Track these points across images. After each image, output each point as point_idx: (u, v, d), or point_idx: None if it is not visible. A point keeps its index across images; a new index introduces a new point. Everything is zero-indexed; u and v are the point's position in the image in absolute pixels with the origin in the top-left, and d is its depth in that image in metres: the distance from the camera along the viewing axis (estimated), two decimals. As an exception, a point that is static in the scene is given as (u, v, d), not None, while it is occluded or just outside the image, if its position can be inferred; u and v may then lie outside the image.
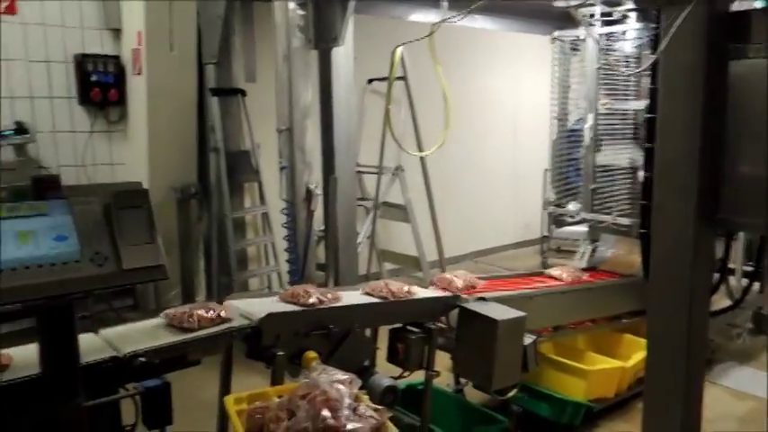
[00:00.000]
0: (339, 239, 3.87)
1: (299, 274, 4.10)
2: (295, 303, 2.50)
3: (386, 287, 2.79)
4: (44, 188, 1.51)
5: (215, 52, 4.99)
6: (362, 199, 5.90)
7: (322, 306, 2.49)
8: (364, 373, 2.56)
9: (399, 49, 4.66)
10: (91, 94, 5.06)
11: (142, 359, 1.88)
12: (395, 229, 6.29)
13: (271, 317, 2.31)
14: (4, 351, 1.81)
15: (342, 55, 3.96)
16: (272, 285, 5.37)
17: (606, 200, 4.08)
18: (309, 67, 4.09)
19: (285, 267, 4.62)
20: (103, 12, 5.16)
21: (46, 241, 1.46)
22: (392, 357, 2.85)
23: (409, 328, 2.85)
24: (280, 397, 1.97)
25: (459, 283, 3.11)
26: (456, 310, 2.95)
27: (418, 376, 2.92)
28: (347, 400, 1.82)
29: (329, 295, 2.57)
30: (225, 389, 2.55)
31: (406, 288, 2.83)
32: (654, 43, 3.18)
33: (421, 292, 2.96)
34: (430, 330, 2.82)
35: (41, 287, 1.42)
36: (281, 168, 4.16)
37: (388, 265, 6.22)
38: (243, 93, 5.13)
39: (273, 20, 4.20)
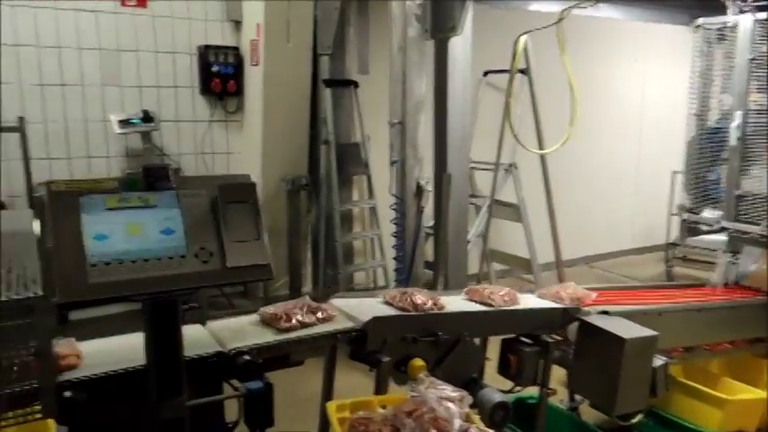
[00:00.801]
0: (449, 238, 3.71)
1: (405, 271, 3.98)
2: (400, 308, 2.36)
3: (408, 299, 2.39)
4: (154, 179, 1.46)
5: (329, 43, 4.98)
6: (473, 196, 5.69)
7: (431, 311, 2.35)
8: (473, 385, 2.39)
9: (523, 39, 4.39)
10: (212, 84, 5.21)
11: (246, 357, 1.81)
12: (504, 228, 6.03)
13: (377, 320, 2.19)
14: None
15: (459, 45, 3.78)
16: (378, 280, 5.30)
17: (754, 208, 3.61)
18: (425, 58, 3.94)
19: (392, 263, 4.53)
20: (226, 3, 5.29)
21: (153, 234, 1.42)
22: (503, 370, 2.65)
23: (523, 339, 2.64)
24: (383, 407, 1.86)
25: (497, 296, 2.60)
26: (575, 324, 2.70)
27: (529, 390, 2.71)
28: (457, 421, 1.66)
29: (320, 314, 2.19)
30: (327, 392, 2.47)
31: (431, 301, 2.40)
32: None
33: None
34: (546, 343, 2.60)
35: (147, 282, 1.37)
36: (392, 163, 4.06)
37: (496, 266, 5.98)
38: (355, 84, 5.09)
39: (390, 9, 4.09)
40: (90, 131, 4.94)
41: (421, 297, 2.40)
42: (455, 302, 2.57)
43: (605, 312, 2.76)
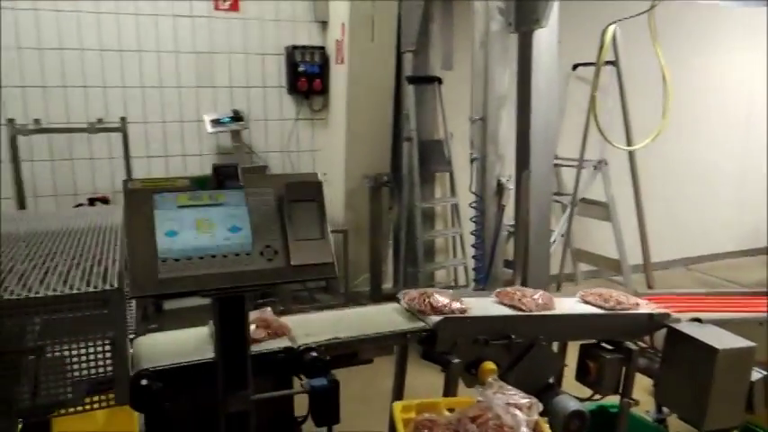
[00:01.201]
0: (530, 237, 3.60)
1: (484, 270, 3.91)
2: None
3: (426, 300, 2.22)
4: (224, 177, 1.51)
5: (413, 40, 4.97)
6: (559, 194, 5.51)
7: (507, 313, 2.29)
8: (548, 391, 2.31)
9: (611, 29, 4.20)
10: (298, 83, 5.34)
11: (313, 354, 1.84)
12: (593, 227, 5.79)
13: (447, 321, 2.16)
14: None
15: (544, 38, 3.65)
16: (459, 279, 5.25)
17: None
18: (508, 52, 3.84)
19: (472, 262, 4.47)
20: (313, 4, 5.40)
21: (221, 231, 1.46)
22: (582, 376, 2.54)
23: (604, 345, 2.52)
24: (451, 410, 1.83)
25: (528, 300, 2.38)
26: (663, 331, 2.54)
27: (612, 398, 2.59)
28: (524, 430, 1.61)
29: (271, 329, 1.96)
30: (398, 391, 2.46)
31: (454, 303, 2.22)
32: None
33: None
34: (629, 351, 2.46)
35: (213, 278, 1.41)
36: (472, 160, 3.99)
37: (583, 266, 5.76)
38: (439, 81, 5.05)
39: (472, 3, 4.02)
40: (185, 131, 5.20)
41: (441, 299, 2.25)
42: (483, 305, 2.40)
43: (697, 320, 2.58)
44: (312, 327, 2.14)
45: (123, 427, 2.29)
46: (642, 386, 2.70)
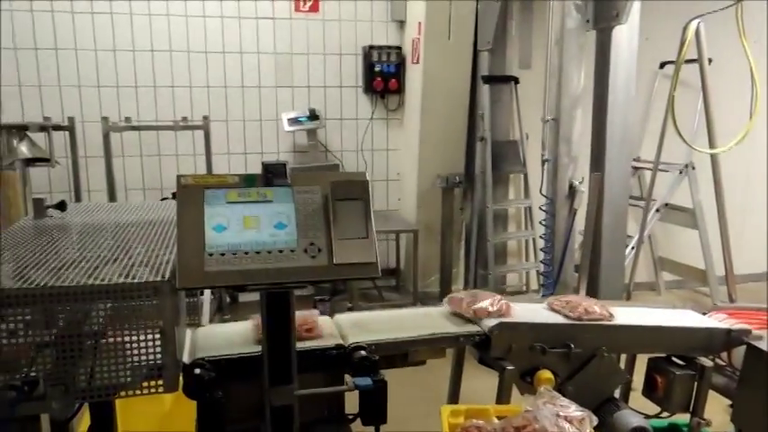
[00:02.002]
0: (603, 243, 3.45)
1: (553, 276, 3.79)
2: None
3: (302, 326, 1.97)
4: (273, 175, 1.54)
5: (490, 39, 4.88)
6: (640, 198, 5.24)
7: (563, 321, 2.20)
8: (609, 405, 2.20)
9: (693, 24, 3.95)
10: (374, 83, 5.38)
11: (362, 353, 1.85)
12: (676, 234, 5.47)
13: (502, 326, 2.10)
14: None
15: (624, 35, 3.48)
16: (531, 283, 5.12)
17: None
18: (583, 50, 3.70)
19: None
20: (391, 4, 5.42)
21: (267, 228, 1.49)
22: (649, 391, 2.41)
23: (674, 359, 2.38)
24: (500, 418, 1.79)
25: (478, 308, 2.18)
26: (742, 348, 2.37)
27: (685, 417, 2.44)
28: (570, 444, 1.54)
29: None
30: (453, 394, 2.44)
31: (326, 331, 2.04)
32: None
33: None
34: (702, 367, 2.31)
35: (257, 274, 1.44)
36: (544, 161, 3.88)
37: (666, 276, 5.46)
38: (515, 80, 4.93)
39: (549, 1, 3.90)
40: (264, 129, 5.36)
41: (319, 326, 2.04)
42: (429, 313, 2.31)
43: (782, 337, 2.39)
44: (367, 325, 2.15)
45: (187, 409, 2.40)
46: (723, 405, 2.54)
